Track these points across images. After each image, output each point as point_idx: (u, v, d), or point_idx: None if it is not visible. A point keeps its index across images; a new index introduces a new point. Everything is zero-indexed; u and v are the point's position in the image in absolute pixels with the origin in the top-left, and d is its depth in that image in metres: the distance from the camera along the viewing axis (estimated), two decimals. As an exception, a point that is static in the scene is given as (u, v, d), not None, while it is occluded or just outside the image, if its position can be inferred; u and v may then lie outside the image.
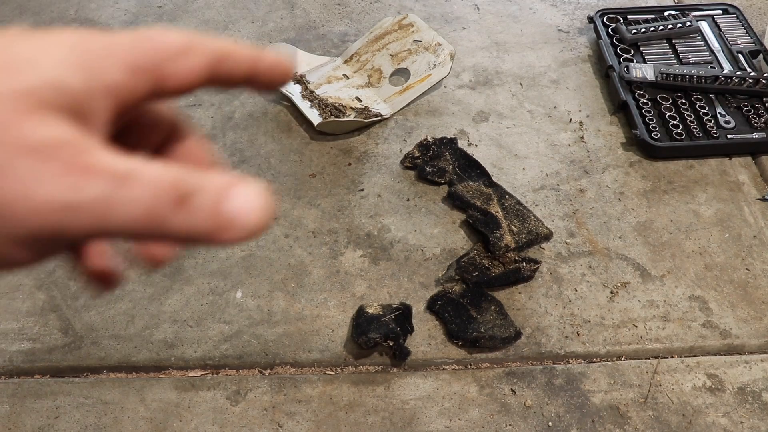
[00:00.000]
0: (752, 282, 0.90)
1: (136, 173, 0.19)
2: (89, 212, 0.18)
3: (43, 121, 0.19)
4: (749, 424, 0.76)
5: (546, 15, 1.34)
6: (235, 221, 0.20)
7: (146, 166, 0.19)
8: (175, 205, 0.19)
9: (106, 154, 0.19)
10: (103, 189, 0.18)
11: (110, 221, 0.19)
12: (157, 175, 0.19)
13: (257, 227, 0.21)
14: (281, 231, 0.97)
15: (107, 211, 0.19)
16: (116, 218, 0.19)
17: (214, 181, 0.20)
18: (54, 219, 0.18)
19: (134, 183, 0.19)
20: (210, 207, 0.20)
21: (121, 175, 0.19)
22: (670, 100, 1.11)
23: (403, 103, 1.14)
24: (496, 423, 0.77)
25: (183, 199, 0.19)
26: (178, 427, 0.77)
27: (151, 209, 0.19)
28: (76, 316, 0.87)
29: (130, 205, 0.19)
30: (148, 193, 0.19)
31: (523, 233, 0.92)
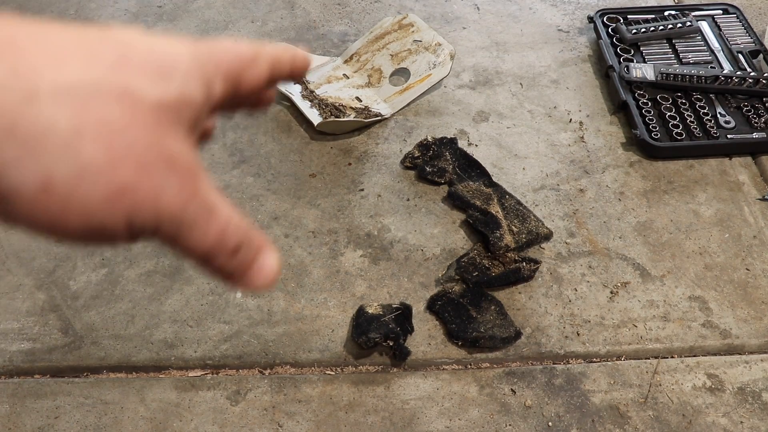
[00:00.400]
0: (752, 282, 0.90)
1: (218, 209, 0.23)
2: (177, 227, 0.22)
3: (176, 135, 0.22)
4: (749, 424, 0.76)
5: (546, 15, 1.34)
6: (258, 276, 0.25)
7: (224, 204, 0.23)
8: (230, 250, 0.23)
9: (206, 182, 0.23)
10: (197, 213, 0.22)
11: (183, 240, 0.22)
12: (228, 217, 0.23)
13: (267, 284, 0.25)
14: (281, 231, 0.97)
15: (187, 232, 0.22)
16: (189, 240, 0.22)
17: (256, 239, 0.24)
18: (159, 220, 0.22)
19: (214, 217, 0.23)
20: (247, 260, 0.24)
21: (210, 207, 0.23)
22: (670, 100, 1.11)
23: (403, 103, 1.14)
24: (496, 423, 0.77)
25: (238, 247, 0.23)
26: (178, 427, 0.77)
27: (214, 243, 0.23)
28: (76, 316, 0.87)
29: (204, 235, 0.23)
30: (218, 230, 0.23)
31: (523, 233, 0.92)
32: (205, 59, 0.24)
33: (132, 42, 0.22)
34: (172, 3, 1.39)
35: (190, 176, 0.22)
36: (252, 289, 0.25)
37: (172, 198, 0.21)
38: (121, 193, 0.21)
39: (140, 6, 1.38)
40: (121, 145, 0.21)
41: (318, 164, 1.06)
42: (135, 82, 0.21)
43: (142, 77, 0.22)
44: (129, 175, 0.21)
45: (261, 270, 0.25)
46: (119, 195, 0.21)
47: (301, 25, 1.32)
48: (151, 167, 0.21)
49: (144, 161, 0.21)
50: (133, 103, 0.21)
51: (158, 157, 0.21)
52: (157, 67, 0.22)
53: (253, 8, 1.37)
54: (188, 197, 0.22)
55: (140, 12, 1.37)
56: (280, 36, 1.30)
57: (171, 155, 0.22)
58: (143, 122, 0.21)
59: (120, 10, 1.38)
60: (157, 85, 0.22)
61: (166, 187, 0.21)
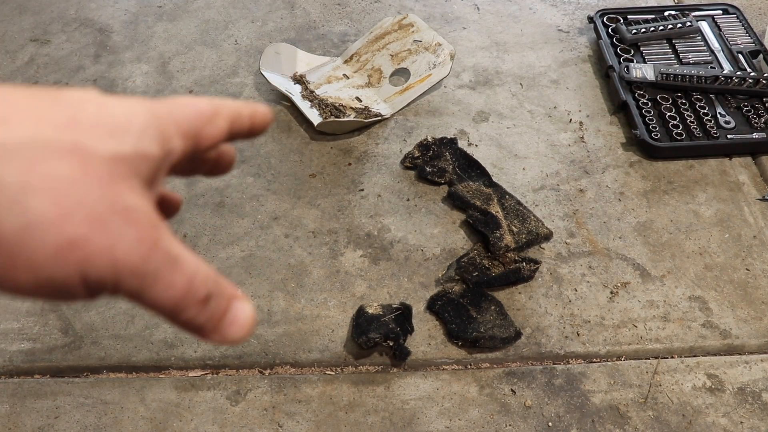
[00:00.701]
0: (752, 282, 0.90)
1: (182, 261, 0.22)
2: (140, 279, 0.21)
3: (132, 188, 0.22)
4: (749, 424, 0.76)
5: (546, 15, 1.34)
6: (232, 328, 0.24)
7: (189, 255, 0.23)
8: (198, 301, 0.23)
9: (167, 233, 0.22)
10: (159, 266, 0.22)
11: (148, 294, 0.22)
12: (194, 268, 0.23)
13: (243, 336, 0.24)
14: (281, 231, 0.97)
15: (151, 285, 0.22)
16: (153, 294, 0.22)
17: (226, 290, 0.24)
18: (117, 274, 0.21)
19: (179, 269, 0.22)
20: (218, 312, 0.23)
21: (173, 258, 0.22)
22: (670, 100, 1.11)
23: (403, 103, 1.14)
24: (496, 423, 0.77)
25: (207, 299, 0.23)
26: (178, 427, 0.77)
27: (181, 296, 0.22)
28: (76, 316, 0.87)
29: (170, 287, 0.22)
30: (185, 281, 0.22)
31: (523, 233, 0.92)
32: (164, 116, 0.24)
33: (85, 103, 0.23)
34: (172, 3, 1.39)
35: (149, 228, 0.22)
36: (226, 342, 0.24)
37: (129, 250, 0.21)
38: (71, 247, 0.20)
39: (140, 6, 1.38)
40: (70, 199, 0.20)
41: (318, 164, 1.06)
42: (86, 139, 0.21)
43: (93, 134, 0.22)
44: (80, 228, 0.20)
45: (235, 321, 0.24)
46: (69, 248, 0.20)
47: (301, 25, 1.32)
48: (105, 220, 0.21)
49: (96, 214, 0.21)
50: (84, 157, 0.21)
51: (112, 210, 0.21)
52: (110, 125, 0.22)
53: (253, 8, 1.37)
54: (148, 249, 0.21)
55: (140, 12, 1.37)
56: (280, 36, 1.30)
57: (126, 207, 0.21)
58: (95, 175, 0.21)
59: (120, 10, 1.38)
60: (110, 141, 0.22)
61: (121, 240, 0.21)
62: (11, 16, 1.37)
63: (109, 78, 1.22)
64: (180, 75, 1.22)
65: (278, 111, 1.15)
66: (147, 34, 1.31)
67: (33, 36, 1.32)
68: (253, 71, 1.22)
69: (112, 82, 1.22)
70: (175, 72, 1.23)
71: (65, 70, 1.24)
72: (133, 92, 1.19)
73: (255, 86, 1.20)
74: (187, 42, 1.29)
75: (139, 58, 1.26)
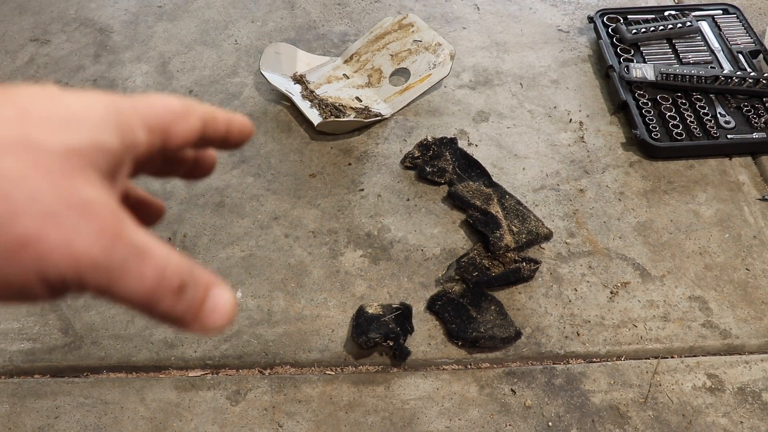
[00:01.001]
0: (752, 282, 0.90)
1: (150, 251, 0.21)
2: (106, 274, 0.21)
3: (88, 181, 0.21)
4: (749, 424, 0.76)
5: (546, 15, 1.34)
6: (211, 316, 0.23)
7: (157, 245, 0.22)
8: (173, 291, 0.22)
9: (131, 225, 0.22)
10: (124, 258, 0.21)
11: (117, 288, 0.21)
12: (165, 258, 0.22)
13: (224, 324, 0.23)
14: (281, 231, 0.97)
15: (119, 279, 0.21)
16: (123, 287, 0.21)
17: (202, 278, 0.23)
18: (79, 268, 0.20)
19: (147, 260, 0.21)
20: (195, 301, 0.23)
21: (140, 249, 0.21)
22: (670, 100, 1.11)
23: (403, 103, 1.14)
24: (496, 423, 0.77)
25: (181, 288, 0.22)
26: (178, 427, 0.77)
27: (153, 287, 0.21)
28: (76, 316, 0.87)
29: (139, 279, 0.21)
30: (155, 272, 0.21)
31: (523, 233, 0.92)
32: (126, 109, 0.23)
33: (38, 97, 0.22)
34: (172, 3, 1.39)
35: (110, 220, 0.21)
36: (208, 331, 0.23)
37: (88, 244, 0.20)
38: (23, 246, 0.19)
39: (140, 6, 1.38)
40: (20, 196, 0.20)
41: (318, 164, 1.06)
42: (37, 133, 0.21)
43: (45, 128, 0.21)
44: (31, 225, 0.19)
45: (215, 309, 0.23)
46: (22, 247, 0.19)
47: (301, 25, 1.32)
48: (59, 215, 0.20)
49: (49, 209, 0.20)
50: (34, 152, 0.20)
51: (67, 204, 0.20)
52: (63, 118, 0.22)
53: (253, 8, 1.37)
54: (110, 242, 0.21)
55: (140, 12, 1.37)
56: (280, 36, 1.30)
57: (83, 201, 0.20)
58: (47, 170, 0.20)
59: (120, 10, 1.38)
60: (63, 134, 0.21)
61: (79, 234, 0.20)
62: (11, 16, 1.37)
63: (109, 78, 1.22)
64: (180, 75, 1.22)
65: (278, 111, 1.15)
66: (147, 34, 1.31)
67: (33, 36, 1.32)
68: (253, 71, 1.22)
69: (112, 82, 1.22)
70: (175, 72, 1.23)
71: (65, 70, 1.24)
72: (134, 92, 1.19)
73: (255, 86, 1.20)
74: (187, 42, 1.29)
75: (139, 58, 1.26)
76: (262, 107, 1.16)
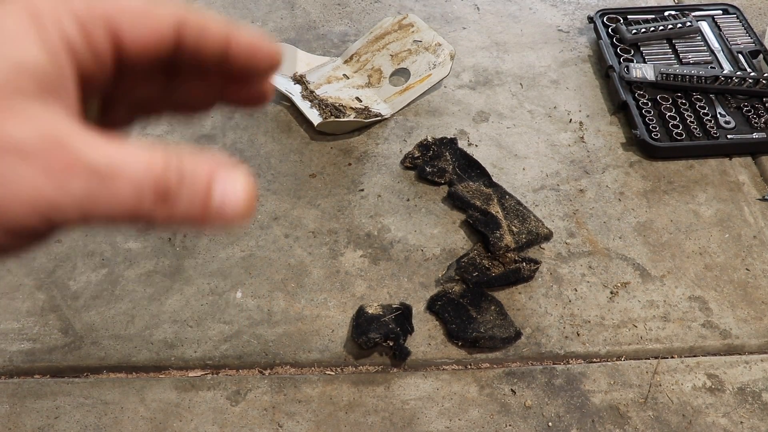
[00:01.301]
0: (752, 282, 0.90)
1: (118, 169, 0.19)
2: (74, 207, 0.19)
3: (17, 114, 0.19)
4: (749, 424, 0.76)
5: (546, 15, 1.34)
6: (221, 213, 0.20)
7: (129, 157, 0.19)
8: (158, 201, 0.19)
9: (87, 147, 0.19)
10: (85, 187, 0.19)
11: (95, 214, 0.19)
12: (140, 170, 0.19)
13: (244, 213, 0.21)
14: (281, 231, 0.97)
15: (92, 206, 0.19)
16: (101, 212, 0.19)
17: (199, 170, 0.20)
18: (40, 213, 0.18)
19: (116, 180, 0.19)
20: (197, 198, 0.20)
21: (102, 172, 0.19)
22: (670, 100, 1.11)
23: (403, 103, 1.14)
24: (496, 423, 0.77)
25: (165, 195, 0.19)
26: (178, 427, 0.77)
27: (134, 204, 0.19)
28: (76, 316, 0.87)
29: (114, 201, 0.19)
30: (129, 189, 0.19)
31: (523, 233, 0.92)
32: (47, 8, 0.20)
33: None
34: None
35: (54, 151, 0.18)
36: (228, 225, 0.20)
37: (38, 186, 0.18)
38: None
39: (140, 6, 1.38)
40: None
41: (318, 164, 1.06)
42: None
43: None
44: None
45: (224, 202, 0.20)
46: None
47: (301, 25, 1.32)
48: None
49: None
50: None
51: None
52: None
53: (253, 8, 1.37)
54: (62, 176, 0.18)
55: (140, 12, 1.37)
56: (280, 36, 1.30)
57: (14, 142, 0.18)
58: None
59: (120, 10, 1.37)
60: None
61: (24, 179, 0.18)
62: (11, 16, 1.37)
63: (109, 78, 1.22)
64: (180, 75, 1.22)
65: (278, 111, 1.15)
66: (147, 34, 1.31)
67: (33, 36, 1.32)
68: (253, 71, 1.22)
69: (112, 82, 1.21)
70: (175, 72, 1.23)
71: (65, 70, 1.24)
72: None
73: (255, 86, 1.19)
74: (187, 42, 1.29)
75: (139, 58, 1.26)
76: (262, 107, 1.16)
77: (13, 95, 0.19)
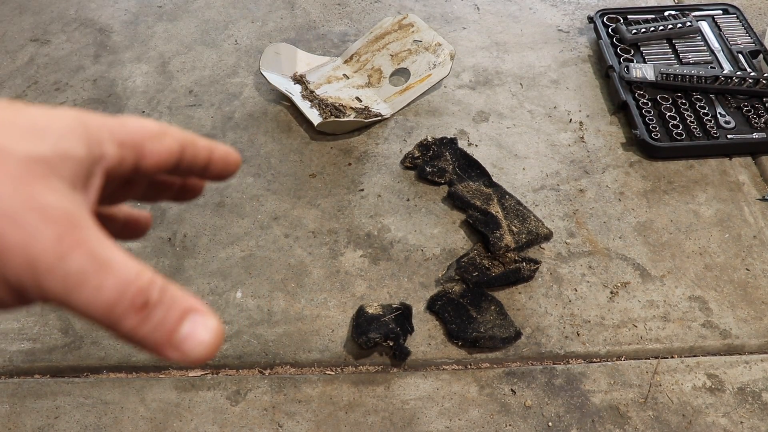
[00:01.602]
0: (752, 282, 0.90)
1: (114, 264, 0.21)
2: (62, 281, 0.21)
3: (51, 188, 0.21)
4: (749, 424, 0.76)
5: (546, 15, 1.34)
6: (184, 346, 0.22)
7: (125, 261, 0.21)
8: (133, 308, 0.21)
9: (95, 237, 0.22)
10: (83, 266, 0.21)
11: (75, 298, 0.21)
12: (131, 273, 0.21)
13: (203, 354, 0.22)
14: (281, 231, 0.97)
15: (77, 287, 0.21)
16: (81, 297, 0.21)
17: (178, 301, 0.22)
18: (35, 273, 0.20)
19: (109, 272, 0.21)
20: (166, 324, 0.22)
21: (100, 260, 0.21)
22: (670, 100, 1.11)
23: (403, 103, 1.14)
24: (496, 423, 0.77)
25: (144, 305, 0.21)
26: (178, 427, 0.77)
27: (113, 301, 0.21)
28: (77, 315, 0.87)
29: (97, 290, 0.21)
30: (116, 285, 0.21)
31: (523, 233, 0.92)
32: (94, 123, 0.24)
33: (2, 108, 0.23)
34: (172, 3, 1.39)
35: (70, 227, 0.21)
36: (186, 360, 0.22)
37: (45, 248, 0.20)
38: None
39: (140, 6, 1.38)
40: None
41: (318, 164, 1.06)
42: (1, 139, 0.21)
43: (9, 135, 0.22)
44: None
45: (191, 336, 0.22)
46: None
47: (301, 25, 1.32)
48: (18, 216, 0.20)
49: (9, 210, 0.20)
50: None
51: (27, 207, 0.21)
52: (27, 127, 0.22)
53: (253, 8, 1.37)
54: (68, 248, 0.21)
55: (140, 12, 1.37)
56: (280, 36, 1.30)
57: (43, 205, 0.21)
58: (9, 174, 0.21)
59: (120, 9, 1.38)
60: (27, 142, 0.22)
61: (36, 237, 0.20)
62: (11, 16, 1.37)
63: (109, 78, 1.22)
64: (180, 75, 1.22)
65: (278, 111, 1.15)
66: (147, 34, 1.31)
67: (33, 36, 1.32)
68: (253, 71, 1.22)
69: (112, 82, 1.22)
70: (175, 72, 1.23)
71: (65, 70, 1.24)
72: (134, 92, 1.19)
73: (255, 86, 1.20)
74: (187, 42, 1.29)
75: (139, 58, 1.26)
76: (262, 107, 1.16)
77: (53, 174, 0.22)
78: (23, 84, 1.22)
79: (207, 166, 0.29)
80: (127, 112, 1.16)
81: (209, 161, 0.29)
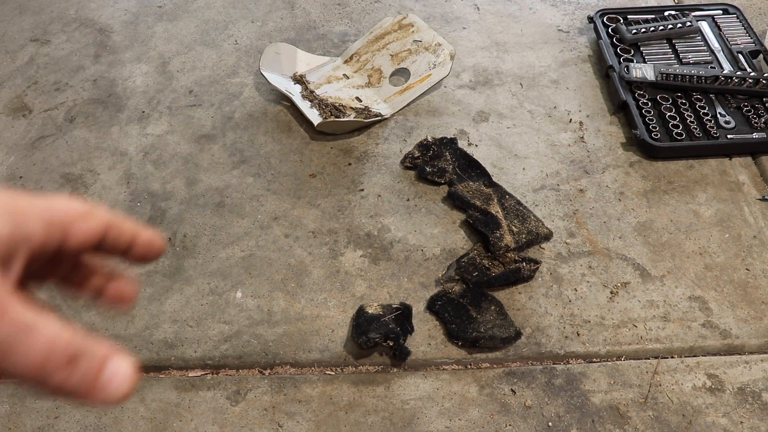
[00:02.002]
0: (752, 282, 0.90)
1: (39, 326, 0.23)
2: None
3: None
4: (749, 424, 0.76)
5: (546, 15, 1.34)
6: (109, 387, 0.24)
7: (47, 322, 0.23)
8: (62, 362, 0.23)
9: (17, 304, 0.23)
10: (9, 332, 0.22)
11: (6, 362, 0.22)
12: (54, 332, 0.23)
13: (124, 394, 0.24)
14: (281, 231, 0.97)
15: (9, 350, 0.22)
16: (12, 361, 0.22)
17: (97, 349, 0.24)
18: None
19: (34, 334, 0.22)
20: (90, 372, 0.23)
21: (24, 325, 0.22)
22: (670, 100, 1.11)
23: (403, 103, 1.14)
24: (496, 423, 0.77)
25: (71, 360, 0.23)
26: (178, 427, 0.77)
27: (44, 358, 0.22)
28: (76, 316, 0.87)
29: (28, 351, 0.22)
30: (43, 344, 0.22)
31: (523, 233, 0.92)
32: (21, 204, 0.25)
33: None
34: (172, 3, 1.39)
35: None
36: (109, 402, 0.24)
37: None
38: None
39: (140, 6, 1.38)
40: None
41: (318, 164, 1.06)
42: None
43: None
44: None
45: (112, 379, 0.24)
46: None
47: (301, 25, 1.32)
48: None
49: None
50: None
51: None
52: None
53: (253, 8, 1.37)
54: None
55: (140, 12, 1.37)
56: (280, 36, 1.30)
57: None
58: None
59: (120, 10, 1.38)
60: None
61: None
62: (11, 16, 1.37)
63: (108, 78, 1.22)
64: (180, 75, 1.22)
65: (278, 111, 1.15)
66: (147, 34, 1.32)
67: (33, 36, 1.32)
68: (253, 71, 1.22)
69: (112, 82, 1.22)
70: (175, 72, 1.23)
71: (65, 70, 1.24)
72: (134, 92, 1.19)
73: (255, 86, 1.20)
74: (187, 42, 1.29)
75: (139, 58, 1.26)
76: (262, 107, 1.16)
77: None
78: (23, 84, 1.22)
79: (130, 247, 0.30)
80: (127, 112, 1.16)
81: (132, 244, 0.30)
